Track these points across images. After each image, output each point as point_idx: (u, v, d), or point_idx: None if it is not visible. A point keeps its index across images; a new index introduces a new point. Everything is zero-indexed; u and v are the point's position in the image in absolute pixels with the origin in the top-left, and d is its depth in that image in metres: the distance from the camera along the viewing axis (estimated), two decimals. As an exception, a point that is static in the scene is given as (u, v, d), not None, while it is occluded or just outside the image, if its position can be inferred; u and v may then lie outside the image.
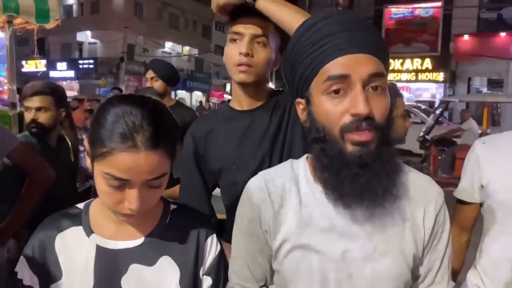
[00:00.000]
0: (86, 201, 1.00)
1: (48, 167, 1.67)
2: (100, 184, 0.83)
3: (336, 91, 0.78)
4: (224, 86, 32.81)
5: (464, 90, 16.24)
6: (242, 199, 0.94)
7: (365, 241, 0.83)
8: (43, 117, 2.10)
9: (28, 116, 2.09)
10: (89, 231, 0.93)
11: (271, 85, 1.31)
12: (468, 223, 1.43)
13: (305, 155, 0.95)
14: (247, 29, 1.28)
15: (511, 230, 1.26)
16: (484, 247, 1.36)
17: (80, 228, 0.93)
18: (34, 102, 2.08)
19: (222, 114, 1.42)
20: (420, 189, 0.88)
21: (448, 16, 16.26)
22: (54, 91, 2.16)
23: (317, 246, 0.84)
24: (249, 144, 1.32)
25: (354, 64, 0.77)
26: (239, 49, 1.27)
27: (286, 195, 0.88)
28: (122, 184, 0.81)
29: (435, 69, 16.75)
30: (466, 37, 15.16)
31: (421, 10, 16.95)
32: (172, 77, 2.84)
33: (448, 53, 16.30)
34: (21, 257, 0.93)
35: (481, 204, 1.38)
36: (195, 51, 31.59)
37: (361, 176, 0.77)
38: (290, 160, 0.95)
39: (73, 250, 0.91)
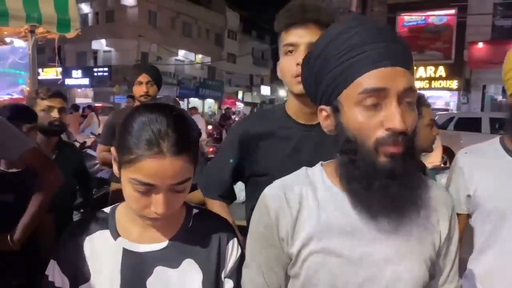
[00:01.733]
0: (113, 205, 1.04)
1: (57, 169, 1.71)
2: (128, 189, 0.86)
3: (374, 105, 0.77)
4: (236, 94, 32.96)
5: (479, 98, 16.06)
6: (258, 206, 0.92)
7: (386, 244, 0.83)
8: (64, 118, 2.27)
9: (51, 115, 2.21)
10: (115, 235, 0.96)
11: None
12: None
13: (320, 162, 0.95)
14: (302, 38, 1.24)
15: (503, 237, 1.25)
16: (477, 257, 1.34)
17: (107, 231, 0.97)
18: (58, 102, 2.23)
19: (279, 119, 1.39)
20: (436, 197, 0.90)
21: (462, 23, 16.13)
22: (64, 96, 2.35)
23: (337, 249, 0.83)
24: (298, 159, 1.28)
25: (390, 78, 0.77)
26: (296, 59, 1.23)
27: (304, 201, 0.87)
28: (148, 190, 0.84)
29: (448, 77, 16.60)
30: (480, 44, 15.01)
31: (434, 17, 16.85)
32: (161, 81, 2.85)
33: (462, 61, 16.14)
34: (51, 260, 0.97)
35: (468, 215, 1.38)
36: (208, 59, 31.83)
37: (391, 188, 0.77)
38: (304, 168, 0.95)
39: (100, 253, 0.95)
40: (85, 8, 27.81)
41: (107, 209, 1.03)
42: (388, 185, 0.77)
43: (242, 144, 1.40)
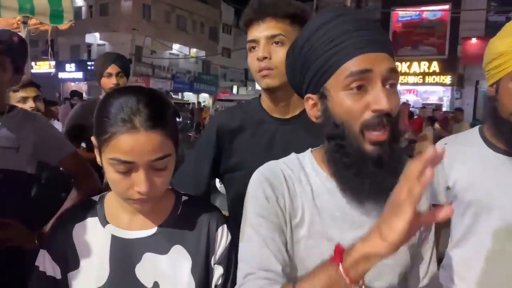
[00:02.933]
0: (102, 193, 1.04)
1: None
2: (109, 173, 0.88)
3: (358, 87, 0.80)
4: (231, 88, 32.87)
5: (472, 93, 16.17)
6: (257, 181, 0.90)
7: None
8: (41, 106, 2.26)
9: (27, 105, 2.19)
10: (104, 222, 0.97)
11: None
12: None
13: (309, 149, 0.97)
14: (261, 33, 1.24)
15: (480, 230, 1.24)
16: (454, 248, 1.33)
17: (96, 218, 0.98)
18: (32, 91, 2.22)
19: (254, 113, 1.38)
20: None
21: (456, 19, 16.20)
22: (37, 84, 2.32)
23: (329, 234, 0.85)
24: (273, 153, 1.26)
25: (375, 61, 0.80)
26: (256, 55, 1.25)
27: (297, 183, 0.90)
28: (128, 169, 0.85)
29: (442, 72, 16.69)
30: (474, 40, 15.08)
31: (428, 13, 16.90)
32: (129, 72, 2.72)
33: (455, 56, 16.23)
34: (41, 250, 0.98)
35: None
36: (202, 53, 31.68)
37: (378, 175, 0.79)
38: (293, 154, 0.96)
39: (89, 240, 0.95)
40: (79, 1, 27.53)
41: (95, 197, 1.03)
42: (376, 172, 0.79)
43: (218, 138, 1.38)
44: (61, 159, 1.60)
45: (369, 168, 0.80)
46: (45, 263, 0.96)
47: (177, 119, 0.96)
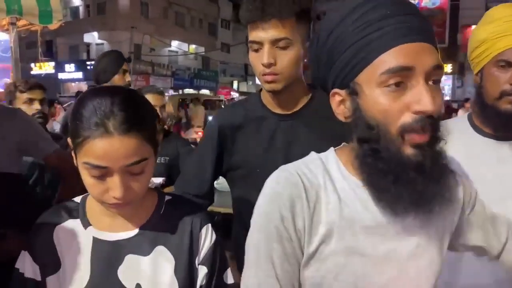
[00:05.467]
0: (83, 195, 1.02)
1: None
2: (84, 176, 0.86)
3: (397, 84, 0.69)
4: (231, 84, 32.84)
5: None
6: (270, 197, 0.79)
7: (408, 238, 0.77)
8: (45, 109, 2.29)
9: (33, 107, 2.20)
10: (86, 224, 0.96)
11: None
12: None
13: (331, 148, 0.85)
14: (265, 35, 1.18)
15: None
16: None
17: (78, 220, 0.96)
18: (38, 94, 2.22)
19: (255, 109, 1.35)
20: (454, 192, 0.82)
21: (455, 7, 16.11)
22: (44, 87, 2.35)
23: (361, 248, 0.75)
24: (274, 150, 1.27)
25: (418, 54, 0.69)
26: (261, 59, 1.20)
27: (321, 191, 0.77)
28: (102, 173, 0.83)
29: (443, 60, 16.28)
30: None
31: (427, 1, 16.79)
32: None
33: (456, 45, 16.15)
34: (22, 251, 0.96)
35: None
36: (202, 49, 31.64)
37: (419, 183, 0.70)
38: (314, 154, 0.85)
39: (70, 242, 0.94)
40: (76, 0, 27.51)
41: (77, 199, 1.02)
42: (416, 179, 0.69)
43: (220, 137, 1.36)
44: (47, 156, 1.59)
45: (409, 175, 0.69)
46: (25, 264, 0.95)
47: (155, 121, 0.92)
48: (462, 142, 1.26)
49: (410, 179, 0.69)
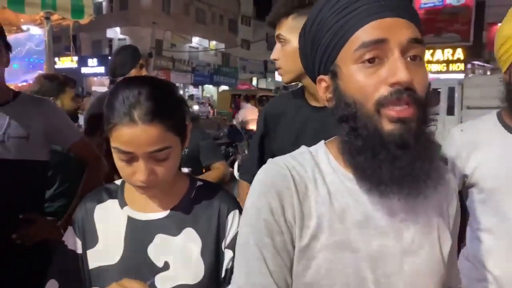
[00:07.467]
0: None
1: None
2: (116, 159, 0.93)
3: (371, 60, 0.69)
4: (251, 80, 32.85)
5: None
6: (259, 190, 0.77)
7: (402, 233, 0.75)
8: (74, 105, 2.55)
9: (75, 103, 2.52)
10: (123, 204, 1.03)
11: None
12: None
13: (322, 141, 0.84)
14: (276, 33, 1.36)
15: (506, 217, 1.21)
16: (477, 238, 1.29)
17: (116, 201, 1.04)
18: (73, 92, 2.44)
19: (296, 100, 1.46)
20: (442, 177, 0.78)
21: (481, 4, 15.74)
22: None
23: (352, 243, 0.73)
24: (303, 140, 1.30)
25: (391, 28, 0.69)
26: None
27: (310, 184, 0.76)
28: (129, 158, 0.90)
29: (467, 59, 16.26)
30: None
31: (452, -2, 16.45)
32: None
33: (481, 43, 15.80)
34: (69, 227, 1.06)
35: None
36: (222, 46, 31.72)
37: (402, 159, 0.68)
38: (304, 147, 0.84)
39: (108, 220, 1.02)
40: (99, -4, 27.91)
41: (118, 181, 1.09)
42: (397, 156, 0.67)
43: (265, 123, 1.52)
44: (73, 144, 1.65)
45: (389, 151, 0.67)
46: (69, 237, 1.04)
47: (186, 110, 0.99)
48: (492, 142, 1.26)
49: (391, 156, 0.68)
